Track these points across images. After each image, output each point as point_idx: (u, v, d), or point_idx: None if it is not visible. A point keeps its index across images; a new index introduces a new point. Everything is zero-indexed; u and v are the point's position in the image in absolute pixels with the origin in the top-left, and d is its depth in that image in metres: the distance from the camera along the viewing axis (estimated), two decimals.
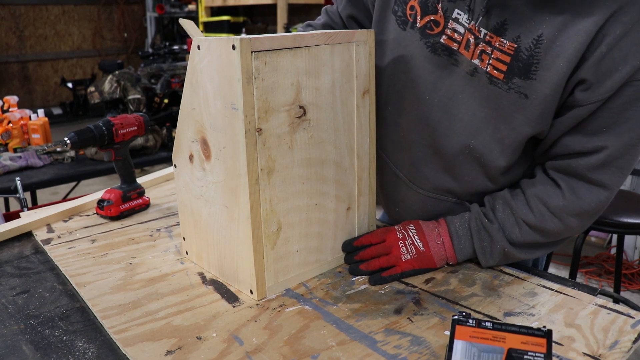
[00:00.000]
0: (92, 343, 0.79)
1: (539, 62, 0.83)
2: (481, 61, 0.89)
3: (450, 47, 0.93)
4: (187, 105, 0.92)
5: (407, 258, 0.95)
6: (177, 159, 1.00)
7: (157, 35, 7.78)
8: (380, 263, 0.95)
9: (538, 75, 0.84)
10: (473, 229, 0.95)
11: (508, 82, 0.87)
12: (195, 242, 1.01)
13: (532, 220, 0.92)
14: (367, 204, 1.04)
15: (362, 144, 0.99)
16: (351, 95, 0.95)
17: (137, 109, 2.81)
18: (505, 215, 0.94)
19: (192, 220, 1.00)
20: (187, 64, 0.90)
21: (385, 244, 0.97)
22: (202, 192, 0.95)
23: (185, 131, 0.95)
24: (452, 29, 0.92)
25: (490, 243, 0.94)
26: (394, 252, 0.95)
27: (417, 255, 0.95)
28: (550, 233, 0.92)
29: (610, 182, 0.87)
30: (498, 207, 0.95)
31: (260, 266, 0.88)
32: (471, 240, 0.95)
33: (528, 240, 0.93)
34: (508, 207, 0.94)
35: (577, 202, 0.89)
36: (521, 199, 0.93)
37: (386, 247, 0.96)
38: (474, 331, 0.70)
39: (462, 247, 0.96)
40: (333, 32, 0.89)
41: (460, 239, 0.96)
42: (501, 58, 0.87)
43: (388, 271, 0.94)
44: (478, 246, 0.95)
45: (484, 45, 0.88)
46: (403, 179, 1.06)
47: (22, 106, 3.17)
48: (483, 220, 0.95)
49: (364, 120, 0.98)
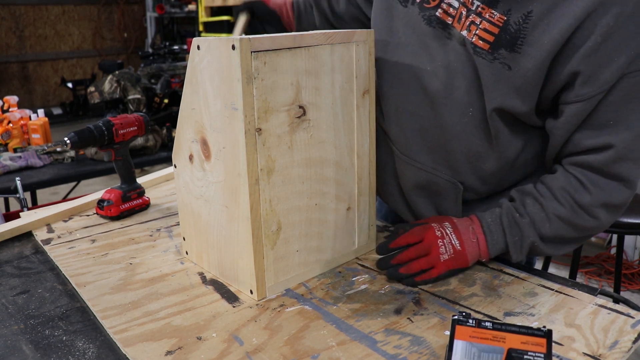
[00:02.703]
0: (92, 343, 0.79)
1: (525, 37, 0.85)
2: (468, 32, 0.92)
3: (444, 20, 0.95)
4: (187, 105, 0.92)
5: (445, 258, 0.92)
6: (177, 159, 1.00)
7: (157, 35, 7.78)
8: (420, 265, 0.91)
9: (523, 50, 0.86)
10: (505, 225, 0.94)
11: (494, 52, 0.89)
12: (195, 242, 1.01)
13: (564, 213, 0.91)
14: (367, 204, 1.04)
15: (362, 144, 0.99)
16: (351, 95, 0.95)
17: (137, 109, 2.81)
18: (536, 210, 0.93)
19: (192, 220, 1.00)
20: (187, 63, 0.90)
21: (425, 244, 0.93)
22: (202, 192, 0.94)
23: (185, 131, 0.95)
24: (448, 3, 0.95)
25: (520, 238, 0.93)
26: (434, 252, 0.92)
27: (454, 254, 0.93)
28: (580, 227, 0.92)
29: (628, 175, 0.89)
30: (528, 202, 0.94)
31: (260, 266, 0.88)
32: (504, 235, 0.94)
33: (557, 234, 0.93)
34: (538, 202, 0.93)
35: (602, 194, 0.90)
36: (549, 194, 0.93)
37: (425, 247, 0.93)
38: (474, 331, 0.70)
39: (494, 243, 0.94)
40: (333, 32, 0.89)
41: (493, 235, 0.94)
42: (489, 29, 0.89)
43: (423, 275, 0.91)
44: (510, 241, 0.93)
45: (474, 16, 0.91)
46: (397, 153, 1.07)
47: (22, 106, 3.17)
48: (515, 215, 0.94)
49: (364, 120, 0.98)
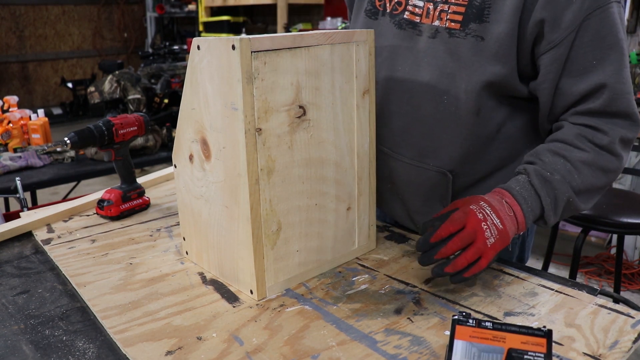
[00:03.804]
0: (92, 343, 0.79)
1: (490, 6, 0.92)
2: (440, 20, 0.98)
3: (413, 20, 1.02)
4: (187, 105, 0.92)
5: (492, 242, 0.84)
6: (177, 159, 0.99)
7: (157, 35, 7.79)
8: (467, 258, 0.83)
9: (491, 18, 0.92)
10: (537, 187, 0.89)
11: (465, 28, 0.94)
12: (195, 242, 1.01)
13: (589, 158, 0.91)
14: (367, 204, 1.04)
15: (362, 144, 0.99)
16: (351, 95, 0.95)
17: (137, 109, 2.81)
18: (560, 164, 0.90)
19: (192, 220, 1.00)
20: (187, 63, 0.90)
21: (468, 230, 0.84)
22: (202, 192, 0.94)
23: (185, 131, 0.95)
24: (413, 4, 1.02)
25: (554, 197, 0.90)
26: (480, 238, 0.84)
27: (499, 236, 0.85)
28: (606, 169, 0.92)
29: (628, 108, 0.91)
30: (549, 159, 0.91)
31: (260, 266, 0.88)
32: (538, 199, 0.89)
33: (587, 183, 0.91)
34: (559, 155, 0.91)
35: (616, 131, 0.91)
36: (568, 146, 0.92)
37: (470, 234, 0.84)
38: (474, 331, 0.70)
39: (530, 210, 0.89)
40: (333, 32, 0.89)
41: (527, 201, 0.89)
42: (457, 10, 0.95)
43: (472, 269, 0.84)
44: (546, 203, 0.89)
45: (441, 5, 0.98)
46: (388, 152, 1.09)
47: (22, 106, 3.17)
48: (545, 174, 0.90)
49: (364, 120, 0.98)
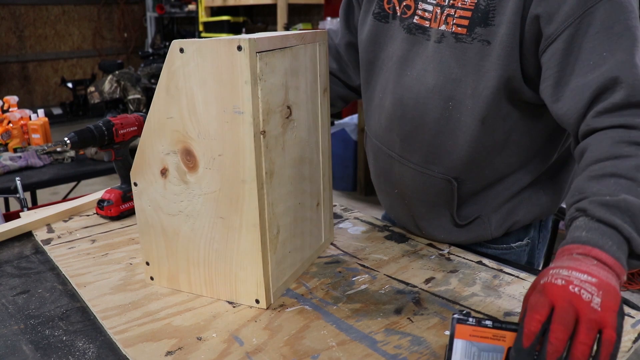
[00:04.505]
0: (92, 343, 0.79)
1: (495, 9, 0.91)
2: (446, 25, 0.97)
3: (422, 25, 1.00)
4: (161, 115, 0.84)
5: (599, 301, 0.63)
6: (140, 175, 0.89)
7: (157, 35, 7.78)
8: (585, 342, 0.61)
9: (496, 21, 0.91)
10: (605, 218, 0.72)
11: (471, 33, 0.94)
12: (167, 264, 0.92)
13: (638, 161, 0.76)
14: (329, 199, 1.06)
15: (324, 140, 1.01)
16: (316, 94, 0.96)
17: (137, 109, 2.81)
18: (613, 183, 0.75)
19: (164, 241, 0.91)
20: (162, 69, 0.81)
21: (562, 306, 0.63)
22: (182, 207, 0.87)
23: (154, 143, 0.86)
24: (422, 9, 1.01)
25: (631, 216, 0.72)
26: (581, 306, 0.62)
27: (600, 290, 0.64)
28: None
29: None
30: (596, 184, 0.76)
31: (267, 273, 0.85)
32: (613, 229, 0.71)
33: None
34: (605, 177, 0.76)
35: None
36: (607, 162, 0.78)
37: (566, 309, 0.62)
38: (474, 330, 0.70)
39: (614, 244, 0.70)
40: (304, 32, 0.91)
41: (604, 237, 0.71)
42: (464, 15, 0.95)
43: (603, 353, 0.61)
44: (624, 228, 0.71)
45: (448, 9, 0.97)
46: (396, 157, 1.08)
47: (22, 106, 3.17)
48: (605, 200, 0.73)
49: (324, 117, 1.00)
